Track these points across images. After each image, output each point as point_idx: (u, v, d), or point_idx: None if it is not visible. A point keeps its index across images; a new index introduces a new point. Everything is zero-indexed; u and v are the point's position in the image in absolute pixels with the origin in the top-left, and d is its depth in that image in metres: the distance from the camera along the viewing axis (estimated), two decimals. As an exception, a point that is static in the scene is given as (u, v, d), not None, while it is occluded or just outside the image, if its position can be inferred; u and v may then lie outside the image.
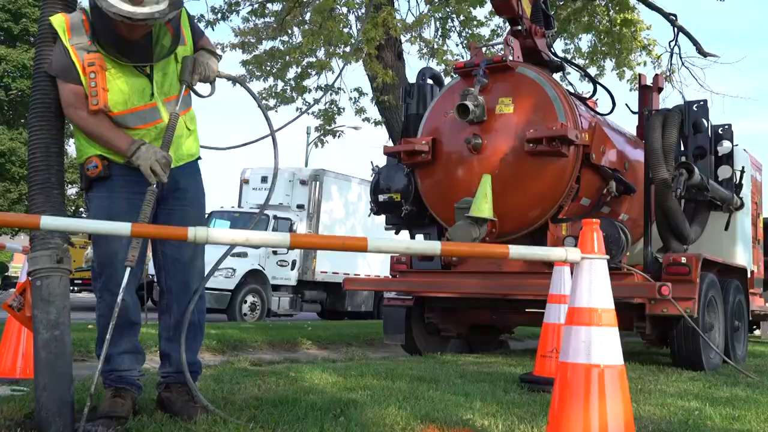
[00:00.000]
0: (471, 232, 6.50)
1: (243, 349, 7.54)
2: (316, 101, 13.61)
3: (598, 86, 8.33)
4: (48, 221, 2.24)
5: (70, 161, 29.61)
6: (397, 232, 8.09)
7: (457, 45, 13.82)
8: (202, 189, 3.51)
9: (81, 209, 23.35)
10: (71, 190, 30.84)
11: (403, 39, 12.95)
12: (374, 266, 17.20)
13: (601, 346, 2.66)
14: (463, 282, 7.29)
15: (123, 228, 2.35)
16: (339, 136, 14.78)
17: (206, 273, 3.48)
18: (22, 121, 31.13)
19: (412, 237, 8.07)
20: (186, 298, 3.34)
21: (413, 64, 38.67)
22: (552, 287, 4.92)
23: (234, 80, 3.59)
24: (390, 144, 11.60)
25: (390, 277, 7.98)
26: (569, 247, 2.82)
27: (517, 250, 2.71)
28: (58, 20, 3.06)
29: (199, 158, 3.52)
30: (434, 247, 2.54)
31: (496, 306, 7.68)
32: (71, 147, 30.72)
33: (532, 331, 11.94)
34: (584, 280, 2.72)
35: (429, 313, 7.82)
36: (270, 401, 3.59)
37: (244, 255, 14.21)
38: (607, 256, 2.77)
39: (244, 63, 13.47)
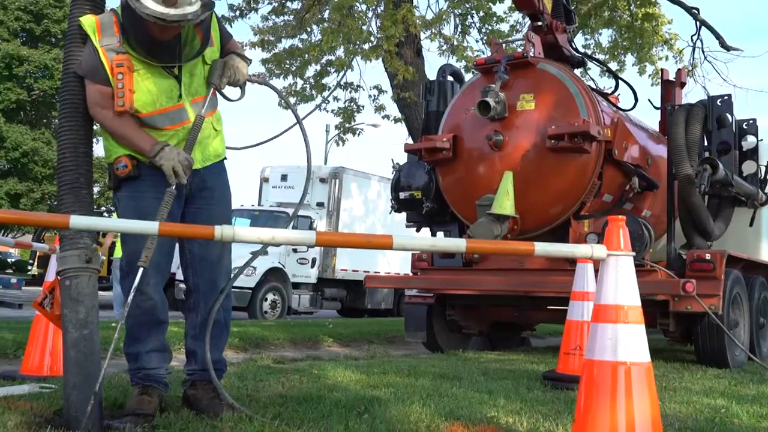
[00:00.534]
0: (492, 230, 6.48)
1: (265, 346, 7.57)
2: (331, 91, 13.60)
3: (620, 82, 8.27)
4: (77, 221, 2.27)
5: (97, 161, 29.96)
6: (418, 230, 8.09)
7: (477, 41, 13.77)
8: (228, 188, 3.53)
9: (103, 207, 23.53)
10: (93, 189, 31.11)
11: (422, 36, 12.94)
12: (394, 264, 17.20)
13: (627, 343, 2.64)
14: (484, 279, 7.27)
15: (150, 227, 2.37)
16: (358, 134, 14.81)
17: (233, 272, 3.48)
18: (44, 121, 31.50)
19: (433, 234, 8.07)
20: (213, 296, 3.35)
21: (432, 61, 38.68)
22: (575, 284, 4.90)
23: (264, 84, 3.57)
24: (410, 141, 11.59)
25: (411, 274, 7.98)
26: (593, 243, 2.81)
27: (542, 248, 2.69)
28: (89, 21, 3.08)
29: (225, 158, 3.54)
30: (459, 244, 2.54)
31: (518, 303, 7.66)
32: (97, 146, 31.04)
33: (554, 328, 11.90)
34: (610, 277, 2.70)
35: (450, 311, 7.82)
36: (294, 398, 3.60)
37: (265, 253, 14.24)
38: (633, 253, 2.76)
39: (264, 61, 13.52)
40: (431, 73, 10.91)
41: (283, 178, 16.72)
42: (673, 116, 7.05)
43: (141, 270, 2.95)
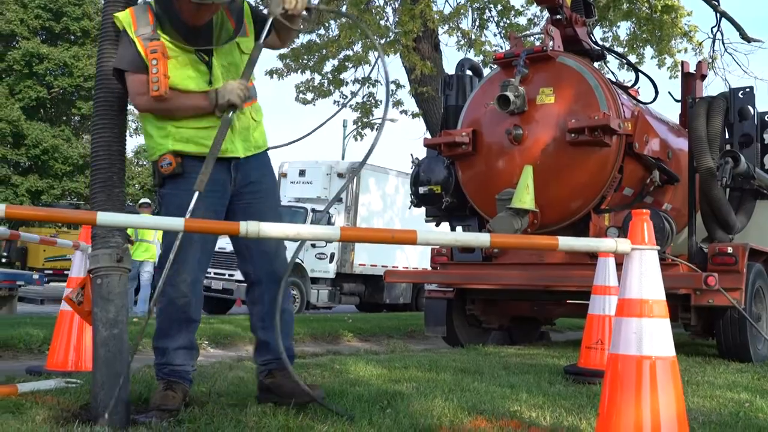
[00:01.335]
0: (513, 224, 6.47)
1: (286, 341, 7.59)
2: (354, 94, 13.62)
3: (640, 74, 8.21)
4: (104, 217, 2.29)
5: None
6: (437, 225, 8.09)
7: (495, 35, 13.73)
8: (274, 180, 3.53)
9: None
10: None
11: (440, 31, 12.91)
12: (412, 258, 17.20)
13: (652, 337, 2.63)
14: (504, 274, 7.26)
15: (176, 223, 2.39)
16: (376, 129, 14.80)
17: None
18: (64, 118, 31.76)
19: (453, 229, 8.07)
20: (275, 287, 3.35)
21: (450, 56, 38.59)
22: (596, 278, 4.88)
23: (334, 12, 3.50)
24: (428, 136, 11.58)
25: (431, 269, 7.99)
26: (614, 237, 2.80)
27: (566, 242, 2.68)
28: (124, 14, 3.12)
29: (267, 149, 3.51)
30: (483, 239, 2.54)
31: (538, 297, 7.64)
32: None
33: (573, 322, 11.88)
34: (634, 271, 2.69)
35: (470, 305, 7.81)
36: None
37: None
38: (658, 247, 2.74)
39: (281, 56, 13.55)
40: (449, 68, 10.92)
41: (302, 173, 16.77)
42: (694, 109, 7.00)
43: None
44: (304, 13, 3.26)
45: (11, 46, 29.30)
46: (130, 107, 3.30)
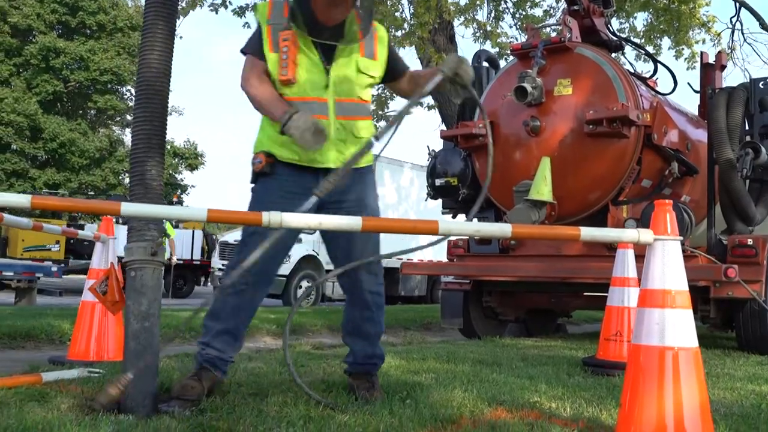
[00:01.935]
0: (530, 216, 6.46)
1: (303, 333, 7.63)
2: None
3: (658, 65, 8.15)
4: (128, 208, 2.30)
5: (127, 150, 30.35)
6: (453, 217, 8.08)
7: (511, 27, 13.73)
8: (364, 198, 3.49)
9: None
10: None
11: (456, 22, 12.87)
12: (427, 251, 17.20)
13: (674, 328, 2.62)
14: (521, 266, 7.25)
15: (198, 213, 2.40)
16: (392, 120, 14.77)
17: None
18: (80, 112, 31.98)
19: (469, 221, 8.05)
20: (358, 299, 3.46)
21: (465, 47, 38.51)
22: (615, 270, 4.87)
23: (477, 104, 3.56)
24: (443, 128, 11.56)
25: (447, 261, 7.98)
26: (632, 229, 2.78)
27: (588, 232, 2.67)
28: (262, 5, 3.28)
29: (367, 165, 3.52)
30: (505, 229, 2.53)
31: (555, 289, 7.62)
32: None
33: (589, 315, 11.85)
34: (657, 262, 2.68)
35: (487, 297, 7.81)
36: (338, 384, 3.63)
37: (299, 241, 14.38)
38: (681, 238, 2.73)
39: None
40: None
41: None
42: (714, 99, 6.94)
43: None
44: (462, 86, 3.35)
45: (28, 41, 29.53)
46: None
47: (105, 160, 30.45)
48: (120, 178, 31.11)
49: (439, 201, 8.35)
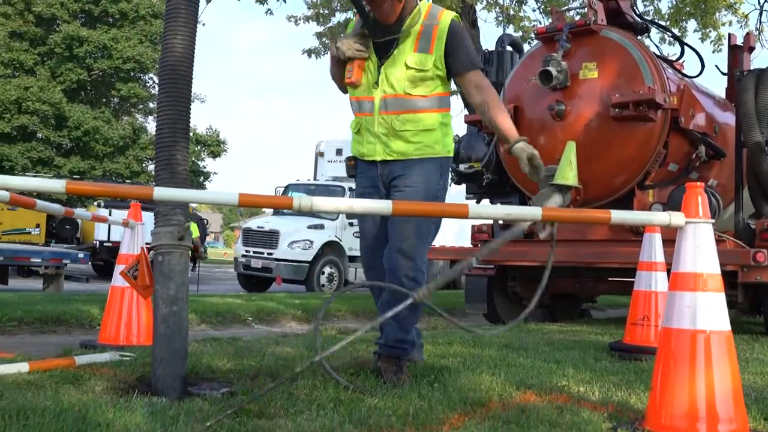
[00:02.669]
0: (555, 201, 6.41)
1: (328, 318, 7.68)
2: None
3: (685, 48, 8.05)
4: (161, 192, 2.32)
5: (150, 138, 30.54)
6: (477, 202, 8.06)
7: (534, 11, 13.55)
8: (419, 184, 3.51)
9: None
10: (152, 166, 31.81)
11: (478, 6, 12.77)
12: (449, 237, 17.18)
13: (706, 311, 2.60)
14: (546, 251, 7.18)
15: (230, 198, 2.41)
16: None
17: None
18: (104, 100, 32.23)
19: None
20: (392, 278, 3.51)
21: (487, 32, 38.24)
22: (642, 254, 4.84)
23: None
24: (466, 113, 11.50)
25: (472, 246, 7.97)
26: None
27: (619, 215, 2.66)
28: (353, 20, 3.75)
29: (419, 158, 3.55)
30: (535, 212, 2.53)
31: (580, 275, 7.59)
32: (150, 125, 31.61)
33: (613, 300, 11.79)
34: (689, 245, 2.66)
35: (511, 282, 7.79)
36: (365, 368, 3.65)
37: (321, 227, 14.43)
38: (713, 220, 2.70)
39: (318, 35, 13.55)
40: (486, 45, 10.81)
41: (338, 152, 16.80)
42: (743, 82, 6.85)
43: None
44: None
45: (52, 30, 29.76)
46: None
47: (128, 148, 30.69)
48: (143, 165, 31.35)
49: (462, 187, 8.33)
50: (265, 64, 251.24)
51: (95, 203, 17.70)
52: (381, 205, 2.39)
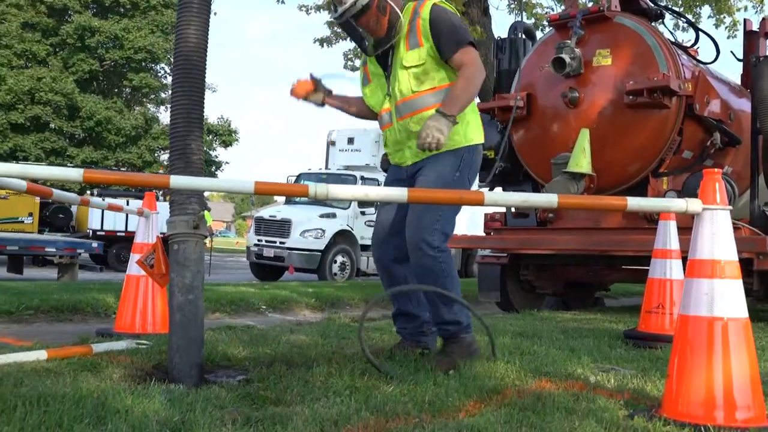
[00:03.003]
0: (569, 188, 6.40)
1: (340, 306, 7.69)
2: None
3: (700, 34, 7.97)
4: (178, 181, 2.33)
5: (162, 127, 30.62)
6: (490, 190, 8.03)
7: (546, -2, 13.44)
8: (432, 176, 3.50)
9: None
10: (164, 156, 31.92)
11: (490, -6, 12.69)
12: (460, 225, 17.15)
13: (723, 298, 2.59)
14: (560, 239, 7.20)
15: (246, 185, 2.42)
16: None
17: None
18: (116, 90, 32.31)
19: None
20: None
21: (500, 19, 37.98)
22: (657, 242, 4.81)
23: None
24: (477, 100, 11.45)
25: (484, 234, 7.95)
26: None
27: (635, 202, 2.65)
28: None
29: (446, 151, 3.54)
30: (551, 199, 2.52)
31: (593, 263, 7.56)
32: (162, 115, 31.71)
33: (627, 288, 11.75)
34: (706, 232, 2.64)
35: (524, 271, 7.78)
36: (381, 354, 3.66)
37: (333, 216, 14.45)
38: (730, 207, 2.69)
39: (330, 24, 13.51)
40: (498, 32, 10.75)
41: (350, 141, 16.78)
42: (759, 68, 6.77)
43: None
44: None
45: (64, 20, 29.82)
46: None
47: (140, 138, 30.77)
48: (156, 155, 31.44)
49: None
50: (277, 53, 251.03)
51: (87, 192, 17.61)
52: (396, 193, 2.39)
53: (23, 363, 3.19)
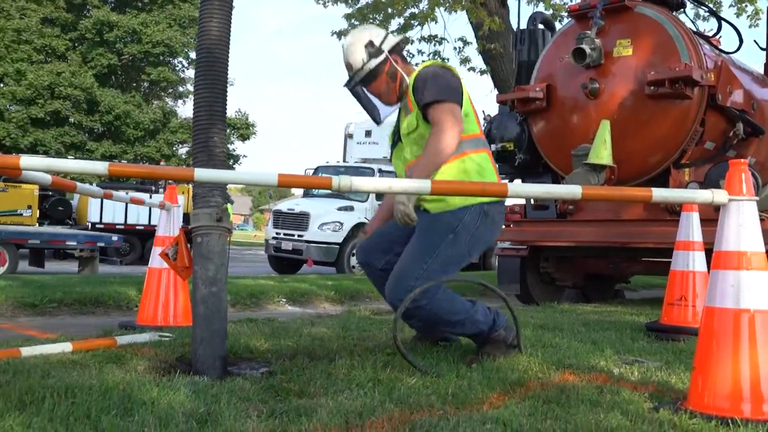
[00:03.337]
0: (589, 180, 6.36)
1: (360, 299, 7.70)
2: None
3: (722, 23, 7.87)
4: (202, 173, 2.34)
5: (180, 121, 30.74)
6: (510, 182, 8.00)
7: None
8: (424, 231, 3.36)
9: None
10: (182, 149, 32.07)
11: (508, -16, 12.62)
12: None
13: (750, 290, 2.56)
14: (580, 231, 7.16)
15: (270, 178, 2.42)
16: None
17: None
18: (134, 84, 32.48)
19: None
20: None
21: (515, 11, 37.64)
22: (680, 233, 4.77)
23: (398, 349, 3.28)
24: (496, 93, 11.42)
25: (504, 227, 7.92)
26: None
27: (660, 193, 2.62)
28: None
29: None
30: (575, 191, 2.50)
31: (613, 255, 7.51)
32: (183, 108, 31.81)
33: (647, 280, 11.69)
34: (732, 223, 2.61)
35: (544, 263, 7.75)
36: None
37: (351, 209, 14.45)
38: (757, 198, 2.66)
39: (347, 16, 13.49)
40: (515, 24, 10.66)
41: (368, 134, 16.77)
42: (782, 57, 6.70)
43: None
44: None
45: (83, 15, 30.01)
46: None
47: (159, 132, 30.93)
48: (174, 149, 31.60)
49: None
50: (281, 48, 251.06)
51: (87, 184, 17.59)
52: (419, 185, 2.38)
53: (49, 355, 3.23)
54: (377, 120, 3.62)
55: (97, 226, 15.92)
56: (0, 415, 2.15)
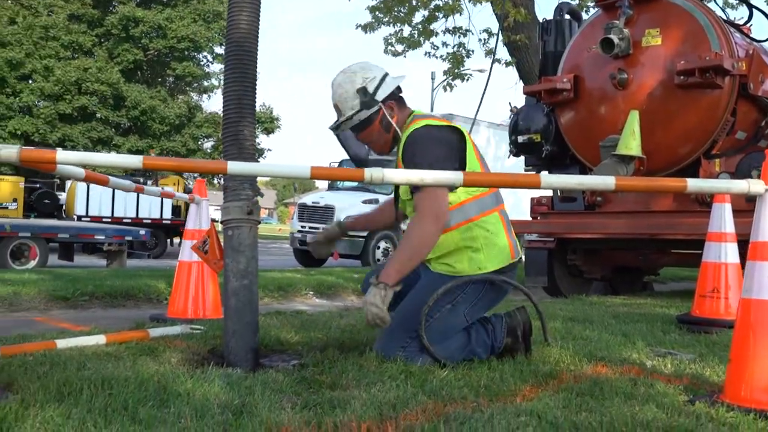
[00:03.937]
0: (618, 171, 6.31)
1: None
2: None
3: (753, 11, 7.74)
4: (235, 167, 2.35)
5: (205, 116, 30.89)
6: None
7: (591, -23, 13.18)
8: (419, 291, 3.20)
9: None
10: (207, 144, 32.27)
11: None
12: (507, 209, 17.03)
13: (788, 282, 2.53)
14: (608, 222, 7.10)
15: (302, 171, 2.43)
16: (467, 79, 14.62)
17: None
18: (159, 80, 32.71)
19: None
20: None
21: (544, 1, 37.33)
22: (711, 225, 4.71)
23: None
24: (521, 85, 11.35)
25: (531, 219, 7.89)
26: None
27: (695, 183, 2.59)
28: None
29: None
30: (608, 182, 2.48)
31: (642, 247, 7.44)
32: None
33: (676, 272, 11.57)
34: (769, 214, 2.58)
35: (572, 255, 7.70)
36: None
37: (376, 202, 14.46)
38: (795, 188, 2.61)
39: (372, 9, 13.47)
40: (540, 14, 10.60)
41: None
42: (816, 45, 6.59)
43: None
44: None
45: (109, 12, 30.25)
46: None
47: (184, 126, 31.13)
48: (199, 143, 31.80)
49: (517, 159, 8.23)
50: (298, 44, 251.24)
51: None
52: (452, 176, 2.37)
53: (84, 347, 3.26)
54: (365, 164, 3.24)
55: (83, 219, 15.69)
56: (40, 405, 2.18)
